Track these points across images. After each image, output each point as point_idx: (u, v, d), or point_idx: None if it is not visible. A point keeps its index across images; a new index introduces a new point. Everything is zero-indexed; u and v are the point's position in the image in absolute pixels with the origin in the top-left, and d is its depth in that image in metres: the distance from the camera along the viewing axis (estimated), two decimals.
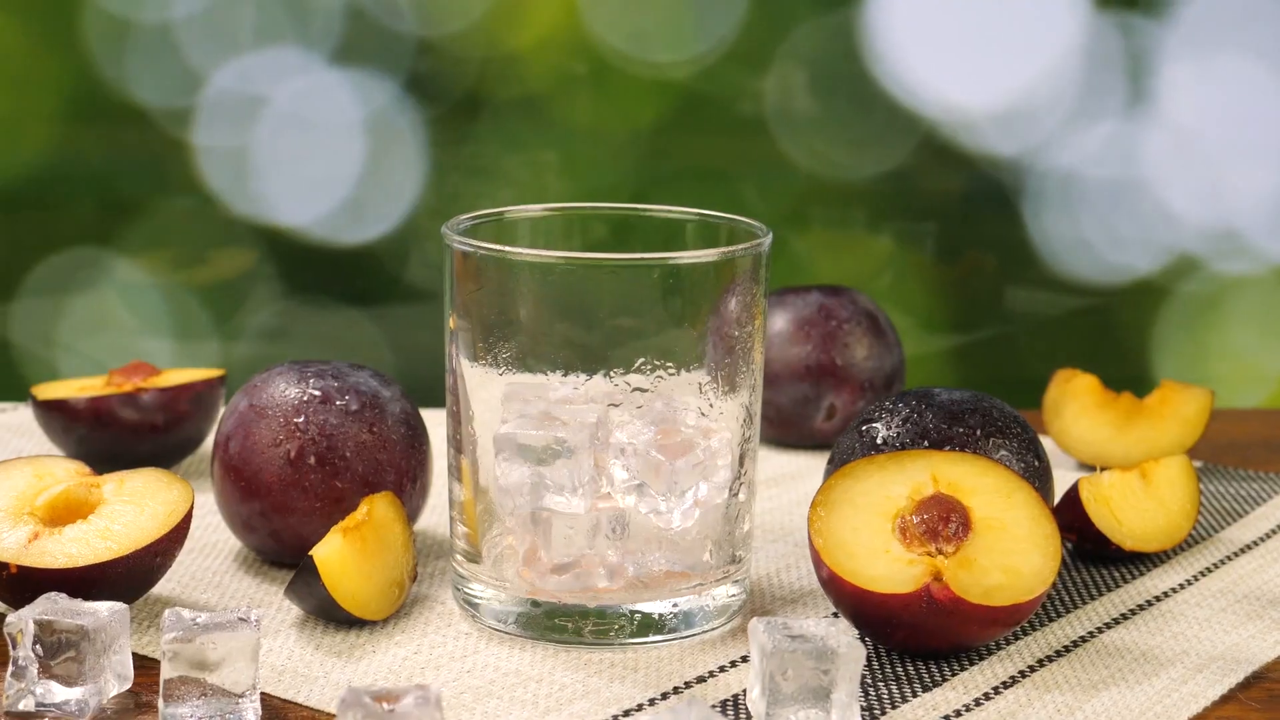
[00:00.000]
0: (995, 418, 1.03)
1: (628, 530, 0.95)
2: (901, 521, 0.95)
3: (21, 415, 1.33)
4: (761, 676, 0.85)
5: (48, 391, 1.21)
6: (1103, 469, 1.24)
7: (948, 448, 1.01)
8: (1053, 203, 1.55)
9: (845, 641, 0.85)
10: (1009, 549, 0.94)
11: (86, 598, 0.93)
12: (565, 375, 0.94)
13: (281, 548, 1.04)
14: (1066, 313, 1.58)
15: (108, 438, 1.18)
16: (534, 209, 1.02)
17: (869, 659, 0.94)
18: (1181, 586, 1.06)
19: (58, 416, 1.19)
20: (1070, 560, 1.09)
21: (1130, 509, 1.10)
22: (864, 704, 0.89)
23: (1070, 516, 1.08)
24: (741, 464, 0.98)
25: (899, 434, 1.02)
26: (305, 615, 0.98)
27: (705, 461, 0.95)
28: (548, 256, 0.94)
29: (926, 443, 1.01)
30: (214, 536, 1.11)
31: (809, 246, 1.57)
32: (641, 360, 0.93)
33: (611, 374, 0.94)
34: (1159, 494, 1.11)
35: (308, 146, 1.48)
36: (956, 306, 1.58)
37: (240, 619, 0.87)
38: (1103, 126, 1.54)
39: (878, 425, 1.03)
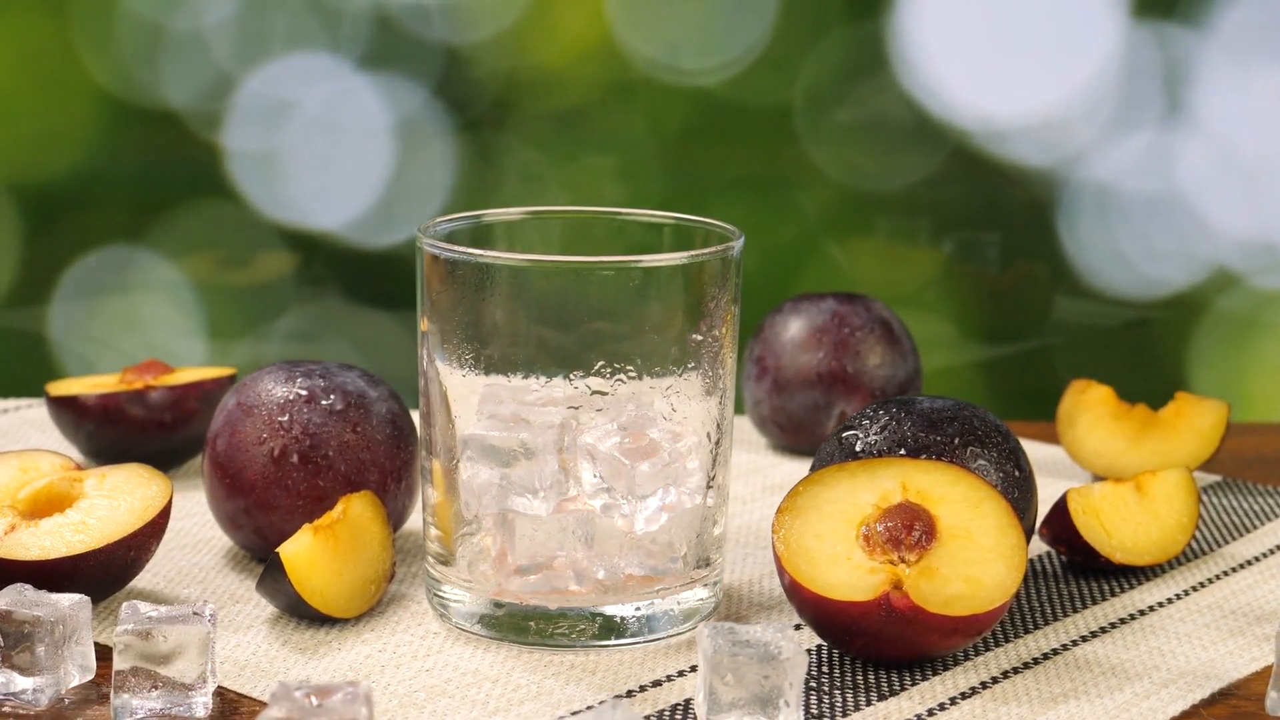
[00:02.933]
0: (975, 427, 1.02)
1: (595, 533, 0.95)
2: (866, 529, 0.94)
3: (44, 411, 1.35)
4: (704, 681, 0.85)
5: (61, 388, 1.23)
6: (1097, 479, 1.22)
7: (924, 456, 1.00)
8: (1088, 215, 1.53)
9: (788, 649, 0.85)
10: (972, 558, 0.93)
11: (60, 589, 0.94)
12: (525, 378, 0.94)
13: (266, 544, 1.05)
14: (1102, 326, 1.56)
15: (116, 434, 1.20)
16: (512, 212, 1.02)
17: (830, 667, 0.94)
18: (1169, 601, 1.04)
19: (68, 413, 1.21)
20: (1060, 572, 1.08)
21: (1121, 521, 1.08)
22: (815, 712, 0.89)
23: (1059, 528, 1.07)
24: (713, 468, 0.97)
25: (877, 441, 1.01)
26: (280, 612, 0.99)
27: (672, 464, 0.95)
28: (512, 259, 0.94)
29: (904, 450, 1.00)
30: (208, 533, 1.12)
31: (844, 254, 1.56)
32: (601, 363, 0.94)
33: (571, 376, 0.94)
34: (1154, 507, 1.10)
35: (337, 151, 1.49)
36: (990, 318, 1.57)
37: (194, 613, 0.88)
38: (1139, 138, 1.52)
39: (857, 432, 1.02)
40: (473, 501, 0.95)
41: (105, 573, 0.97)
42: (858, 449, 1.01)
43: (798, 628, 0.98)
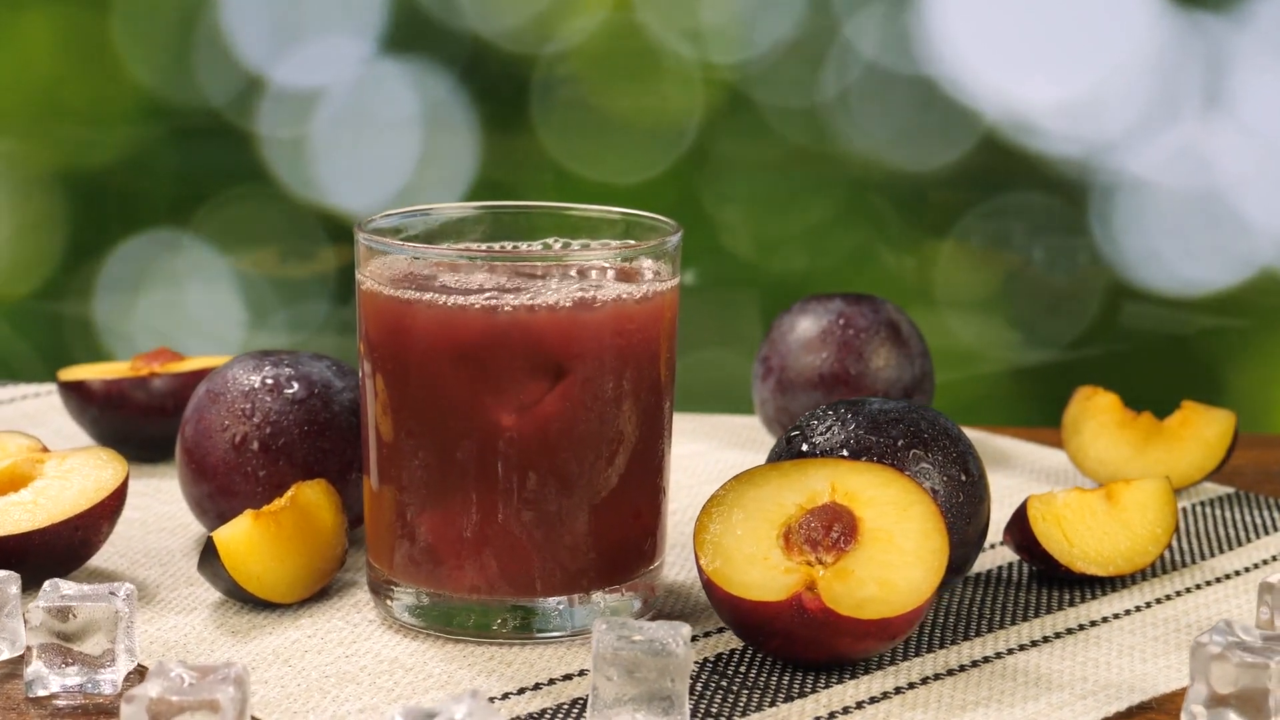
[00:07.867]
0: (921, 430, 1.00)
1: None
2: (787, 530, 0.93)
3: None
4: (592, 676, 0.85)
5: (71, 373, 1.26)
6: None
7: (865, 458, 0.99)
8: (1122, 211, 1.49)
9: (675, 646, 0.85)
10: (890, 562, 0.91)
11: (9, 568, 0.98)
12: None
13: None
14: (1136, 328, 1.53)
15: (120, 420, 1.23)
16: (465, 207, 1.03)
17: (748, 667, 0.93)
18: (1126, 613, 1.02)
19: (75, 398, 1.24)
20: (1024, 581, 1.06)
21: (1086, 530, 1.06)
22: (714, 710, 0.88)
23: (1019, 535, 1.05)
24: None
25: (821, 442, 1.00)
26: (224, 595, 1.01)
27: None
28: (443, 251, 0.95)
29: (846, 452, 0.99)
30: (187, 517, 1.14)
31: (860, 250, 1.54)
32: None
33: None
34: (1125, 516, 1.07)
35: (365, 137, 1.51)
36: (1020, 322, 1.54)
37: (110, 593, 0.90)
38: (1176, 131, 1.48)
39: (804, 433, 1.01)
40: None
41: (52, 552, 1.00)
42: (803, 449, 1.01)
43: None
